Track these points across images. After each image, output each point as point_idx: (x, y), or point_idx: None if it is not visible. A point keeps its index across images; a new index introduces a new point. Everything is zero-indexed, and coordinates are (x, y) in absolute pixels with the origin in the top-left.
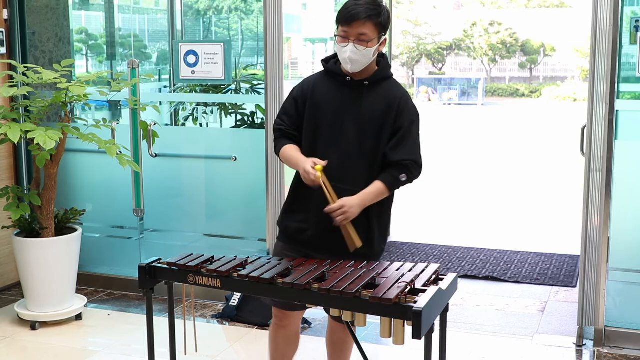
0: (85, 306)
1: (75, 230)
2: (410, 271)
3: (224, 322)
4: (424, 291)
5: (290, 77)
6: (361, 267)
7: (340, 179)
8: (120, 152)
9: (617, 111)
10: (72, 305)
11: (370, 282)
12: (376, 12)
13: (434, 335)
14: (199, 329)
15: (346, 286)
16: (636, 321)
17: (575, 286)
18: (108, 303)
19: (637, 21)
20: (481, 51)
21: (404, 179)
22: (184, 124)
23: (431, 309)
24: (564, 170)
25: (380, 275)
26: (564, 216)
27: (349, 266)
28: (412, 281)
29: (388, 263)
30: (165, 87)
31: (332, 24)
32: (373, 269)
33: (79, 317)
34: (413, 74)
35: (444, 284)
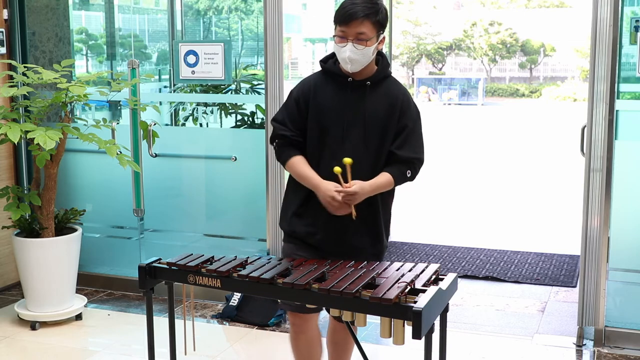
0: (85, 306)
1: (75, 230)
2: (410, 271)
3: (224, 322)
4: (424, 291)
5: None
6: (361, 267)
7: (347, 181)
8: (120, 152)
9: (617, 111)
10: (72, 305)
11: (370, 282)
12: (374, 10)
13: (434, 335)
14: (199, 328)
15: (346, 286)
16: (636, 321)
17: (575, 286)
18: (108, 303)
19: (637, 21)
20: (481, 51)
21: (409, 174)
22: (184, 124)
23: (431, 309)
24: (564, 170)
25: (380, 275)
26: (564, 216)
27: (349, 266)
28: (412, 281)
29: (388, 263)
30: (165, 87)
31: (332, 24)
32: (373, 269)
33: (79, 317)
34: (413, 74)
35: (444, 284)
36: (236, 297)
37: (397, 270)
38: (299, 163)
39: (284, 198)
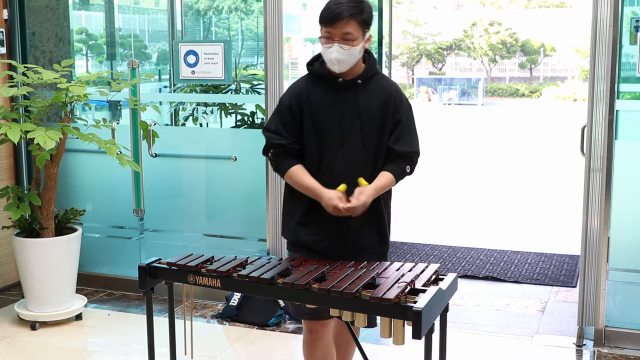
0: (85, 306)
1: (75, 230)
2: (410, 271)
3: (224, 322)
4: (424, 291)
5: (290, 77)
6: (361, 267)
7: (350, 183)
8: (120, 152)
9: (617, 111)
10: (72, 305)
11: (370, 282)
12: (359, 9)
13: (434, 335)
14: (199, 328)
15: (346, 286)
16: (636, 321)
17: (575, 286)
18: (108, 303)
19: (637, 21)
20: (481, 51)
21: (408, 169)
22: (184, 124)
23: (431, 309)
24: (564, 170)
25: (380, 275)
26: (564, 216)
27: (349, 266)
28: (412, 281)
29: (388, 263)
30: (165, 87)
31: None
32: (373, 269)
33: (79, 317)
34: (413, 74)
35: (444, 284)
36: (236, 297)
37: (397, 270)
38: (299, 173)
39: (283, 206)
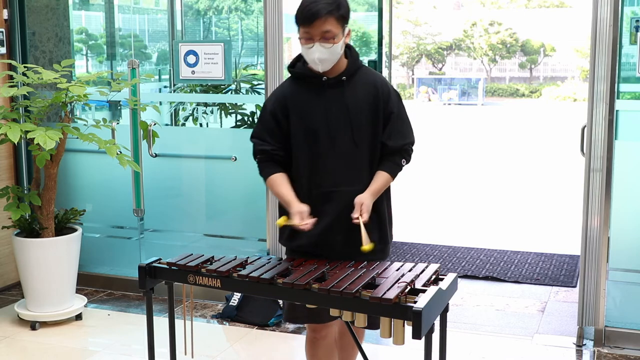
0: (85, 306)
1: (75, 230)
2: (410, 271)
3: (224, 322)
4: (424, 291)
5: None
6: (361, 267)
7: (345, 182)
8: (120, 152)
9: (617, 111)
10: (72, 305)
11: (370, 282)
12: (335, 5)
13: (434, 335)
14: (199, 329)
15: (346, 286)
16: (636, 321)
17: (575, 286)
18: (108, 303)
19: (637, 21)
20: (481, 51)
21: (404, 162)
22: (184, 124)
23: (431, 309)
24: (564, 170)
25: (380, 275)
26: (564, 216)
27: (349, 266)
28: (412, 281)
29: (388, 263)
30: (165, 87)
31: None
32: (373, 269)
33: (79, 317)
34: (413, 74)
35: (444, 284)
36: (236, 297)
37: (397, 270)
38: (277, 182)
39: (279, 214)
